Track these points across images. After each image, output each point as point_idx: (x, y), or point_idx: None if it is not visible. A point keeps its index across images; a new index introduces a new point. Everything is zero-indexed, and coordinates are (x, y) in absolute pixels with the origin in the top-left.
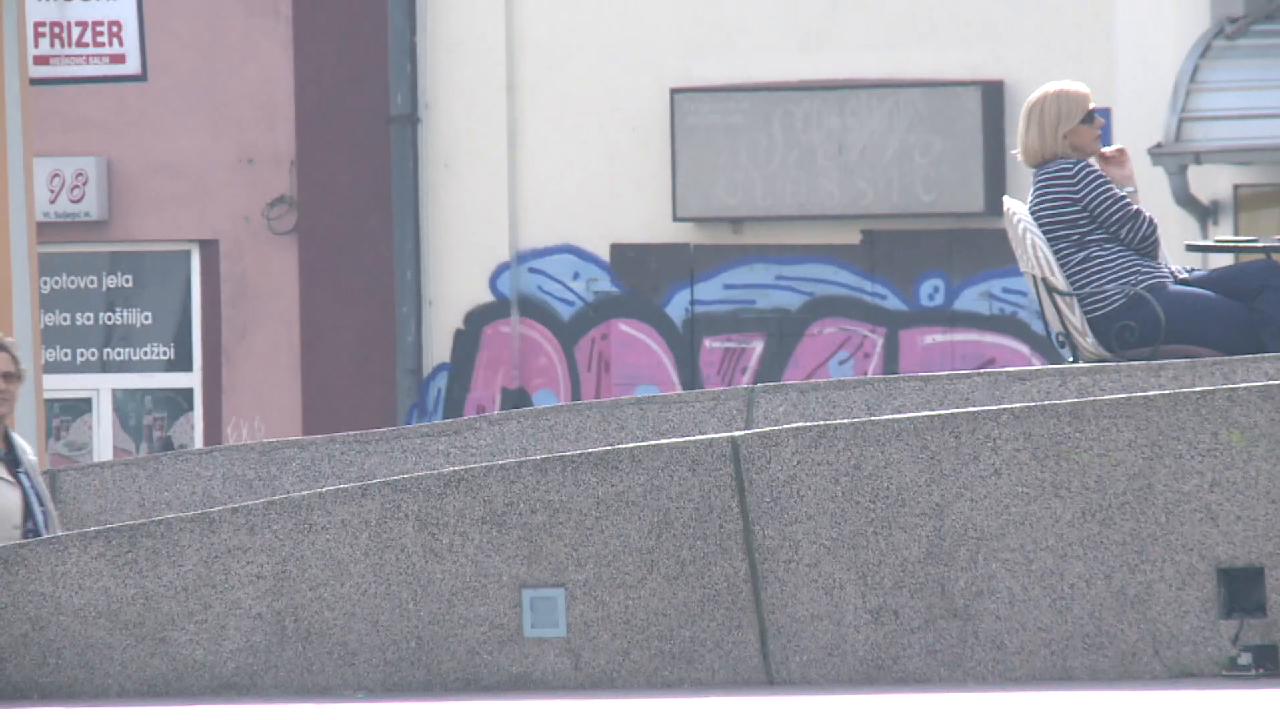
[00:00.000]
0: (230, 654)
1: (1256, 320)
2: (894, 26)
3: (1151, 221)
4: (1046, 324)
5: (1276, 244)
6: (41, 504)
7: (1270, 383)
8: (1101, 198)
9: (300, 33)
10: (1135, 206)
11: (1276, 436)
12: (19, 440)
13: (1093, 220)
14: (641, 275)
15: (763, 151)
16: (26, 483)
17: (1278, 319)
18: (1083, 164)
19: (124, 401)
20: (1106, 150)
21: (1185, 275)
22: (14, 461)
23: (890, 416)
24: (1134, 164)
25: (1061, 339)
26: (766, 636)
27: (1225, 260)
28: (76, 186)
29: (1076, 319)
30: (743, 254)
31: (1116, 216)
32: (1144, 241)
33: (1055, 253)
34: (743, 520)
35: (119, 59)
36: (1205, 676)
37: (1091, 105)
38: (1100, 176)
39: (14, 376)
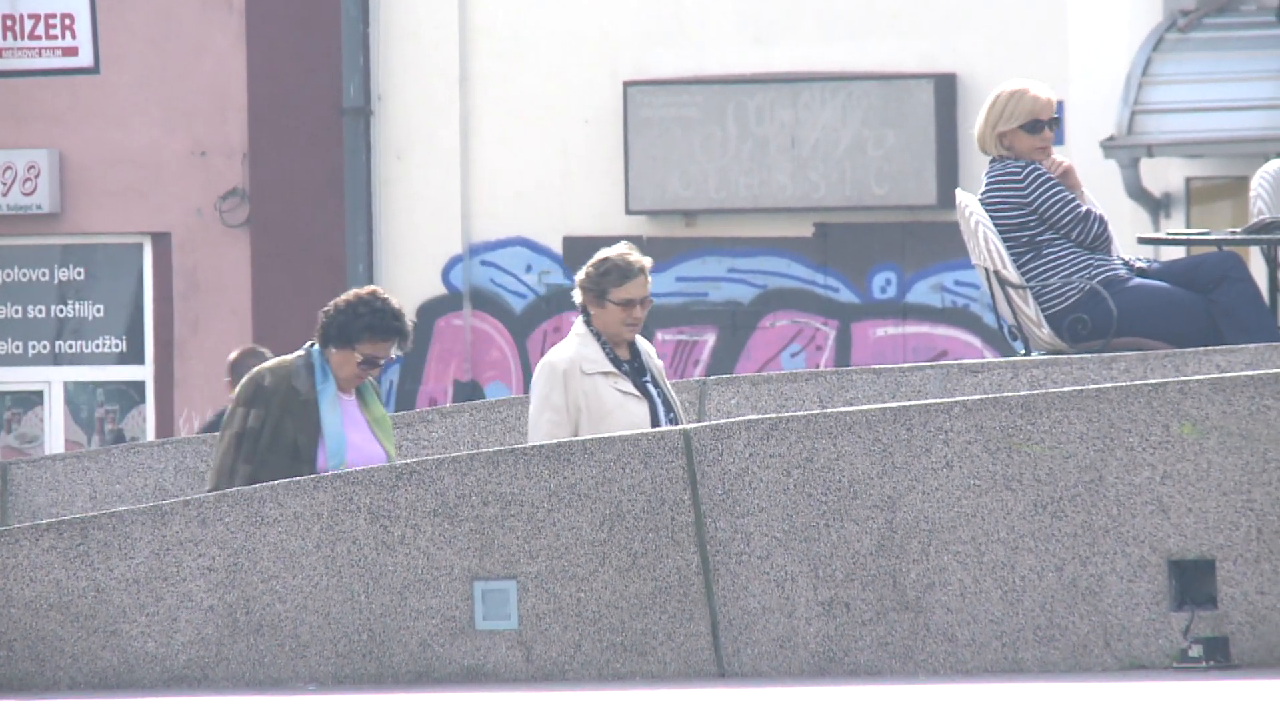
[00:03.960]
0: (182, 646)
1: (1215, 312)
2: (847, 19)
3: (1101, 220)
4: (999, 316)
5: (1228, 237)
6: None
7: (1221, 375)
8: (1051, 201)
9: (253, 25)
10: (1085, 207)
11: (1228, 429)
12: None
13: (1043, 223)
14: None
15: (716, 144)
16: None
17: (1237, 310)
18: (1032, 167)
19: (76, 394)
20: (1054, 164)
21: (1143, 265)
22: None
23: (842, 409)
24: (1087, 156)
25: (1013, 331)
26: (718, 629)
27: (1178, 253)
28: (28, 179)
29: (1031, 310)
30: (695, 247)
31: (1068, 219)
32: (1095, 240)
33: (1008, 252)
34: (694, 513)
35: (71, 51)
36: (1156, 669)
37: (1045, 117)
38: (1049, 180)
39: None
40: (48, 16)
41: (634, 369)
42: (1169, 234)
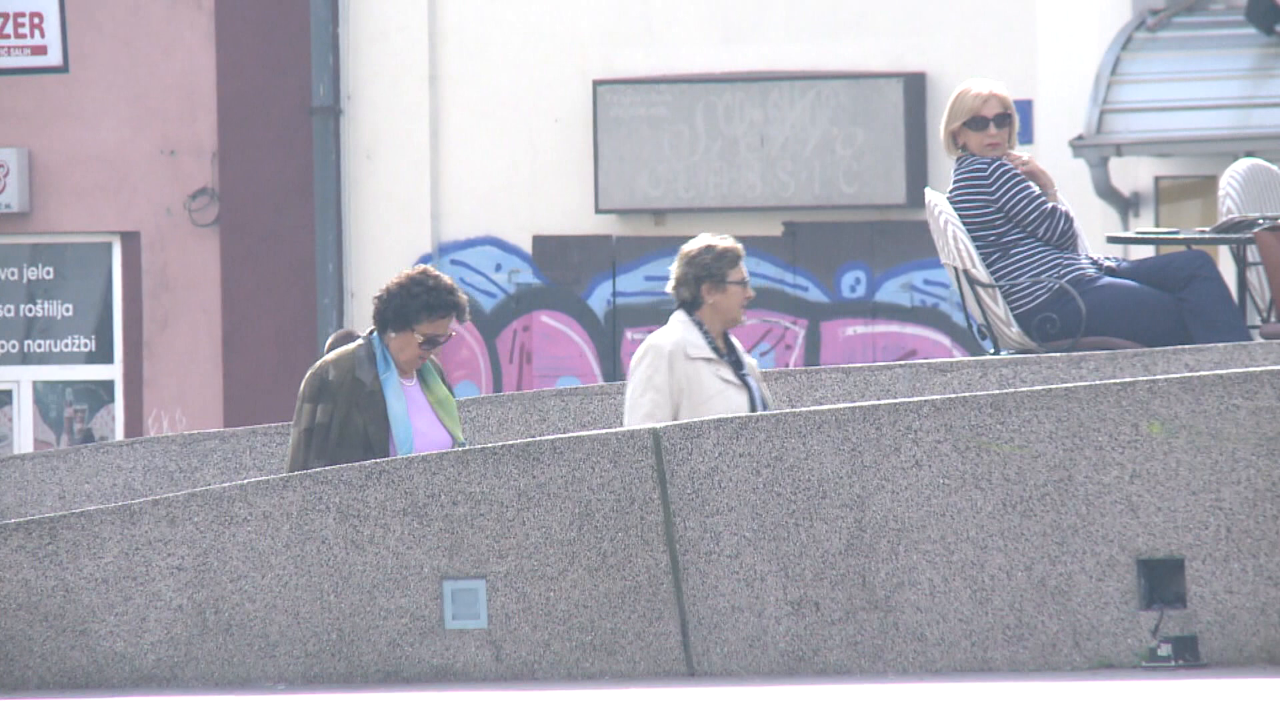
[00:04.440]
0: (151, 646)
1: (1184, 310)
2: (817, 18)
3: (1067, 216)
4: (968, 315)
5: (1197, 236)
6: None
7: (1190, 374)
8: (1016, 198)
9: (222, 24)
10: (1050, 204)
11: (1196, 428)
12: None
13: (1009, 220)
14: (563, 267)
15: (685, 143)
16: None
17: (1206, 309)
18: (997, 163)
19: (44, 393)
20: (1018, 162)
21: (1112, 265)
22: None
23: (811, 408)
24: (1056, 155)
25: (983, 330)
26: (688, 628)
27: (1147, 252)
28: None
29: (1000, 309)
30: (665, 246)
31: (1033, 216)
32: (1061, 237)
33: (977, 251)
34: (664, 512)
35: (40, 50)
36: (1125, 668)
37: (988, 113)
38: (1014, 176)
39: None
40: (16, 15)
41: (732, 361)
42: (1138, 233)
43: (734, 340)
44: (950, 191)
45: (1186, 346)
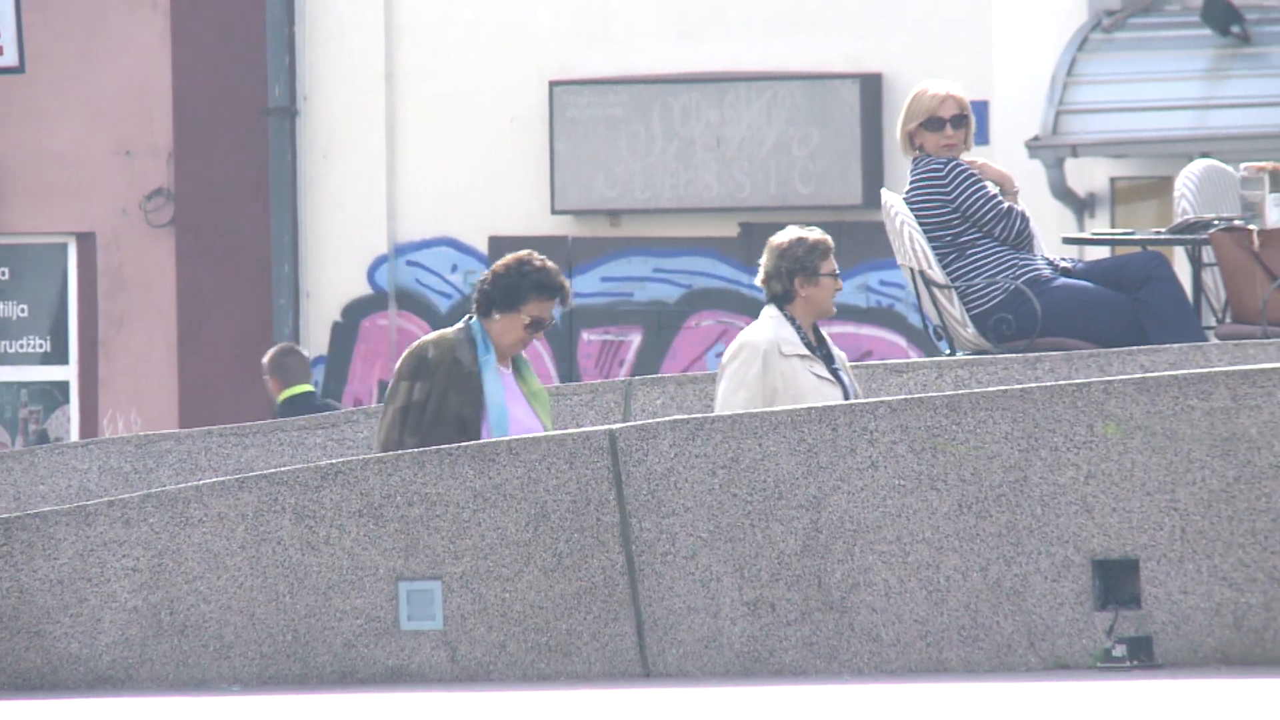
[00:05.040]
0: (105, 647)
1: (1140, 311)
2: (772, 19)
3: (1024, 217)
4: (924, 316)
5: (1153, 237)
6: None
7: (1146, 375)
8: (973, 197)
9: (178, 24)
10: (1007, 204)
11: (1152, 429)
12: None
13: (965, 220)
14: None
15: (641, 144)
16: None
17: (1162, 309)
18: (953, 163)
19: None
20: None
21: (1067, 265)
22: None
23: (768, 409)
24: (1012, 156)
25: (939, 331)
26: (643, 629)
27: (1103, 253)
28: None
29: (956, 310)
30: (621, 247)
31: (990, 216)
32: (1018, 237)
33: (933, 252)
34: (620, 513)
35: None
36: (1080, 668)
37: (945, 114)
38: (971, 176)
39: None
40: None
41: (824, 355)
42: (1094, 234)
43: (824, 333)
44: (906, 192)
45: (1142, 347)
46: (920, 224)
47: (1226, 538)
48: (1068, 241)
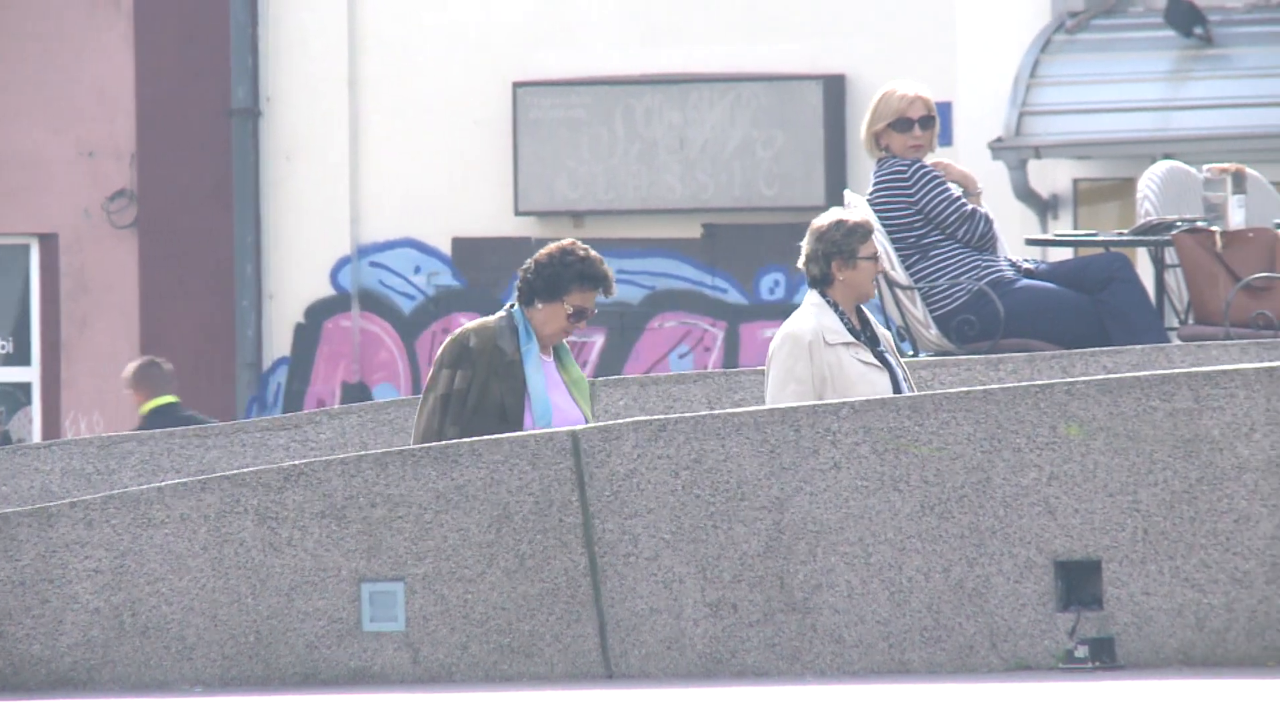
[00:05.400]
0: (67, 648)
1: (1103, 312)
2: (735, 20)
3: (987, 219)
4: (887, 317)
5: (1116, 238)
6: None
7: (1108, 376)
8: (936, 200)
9: (141, 25)
10: (970, 206)
11: (1114, 430)
12: None
13: (928, 222)
14: (482, 269)
15: (604, 145)
16: None
17: (1124, 310)
18: (917, 165)
19: None
20: (942, 166)
21: (1030, 267)
22: None
23: (730, 410)
24: (975, 157)
25: (902, 332)
26: (606, 630)
27: (1066, 254)
28: None
29: (919, 311)
30: None
31: (953, 218)
32: (981, 239)
33: (896, 253)
34: (583, 514)
35: None
36: (1042, 669)
37: (913, 115)
38: (935, 178)
39: None
40: None
41: (869, 338)
42: (1056, 235)
43: (868, 314)
44: (870, 193)
45: (1105, 349)
46: (884, 225)
47: (1189, 539)
48: (1031, 243)
